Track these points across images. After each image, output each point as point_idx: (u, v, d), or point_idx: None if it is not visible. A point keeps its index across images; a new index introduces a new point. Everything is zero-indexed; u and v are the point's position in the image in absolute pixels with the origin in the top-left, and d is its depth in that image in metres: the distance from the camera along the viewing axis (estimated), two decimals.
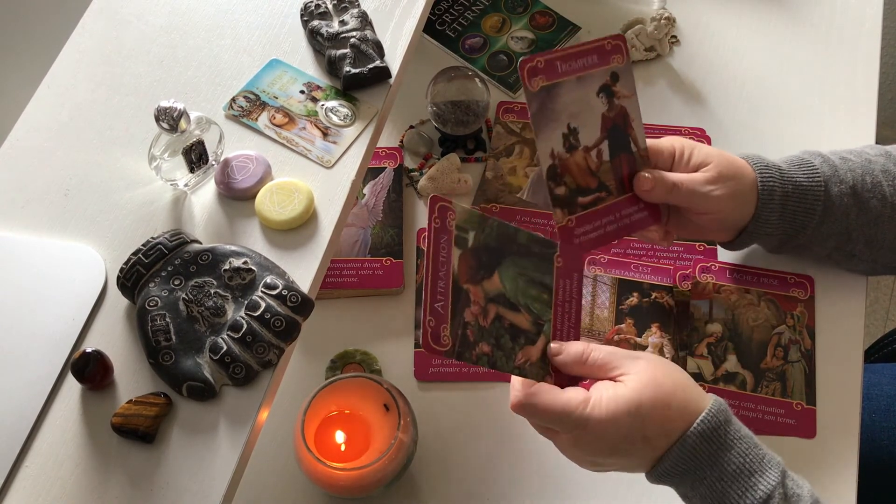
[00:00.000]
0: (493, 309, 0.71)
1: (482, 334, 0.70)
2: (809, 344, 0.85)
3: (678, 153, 0.80)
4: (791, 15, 1.10)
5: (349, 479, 0.74)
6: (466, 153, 1.00)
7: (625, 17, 1.07)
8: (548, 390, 0.68)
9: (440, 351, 0.67)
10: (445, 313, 0.68)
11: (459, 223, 0.71)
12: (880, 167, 0.82)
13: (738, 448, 0.67)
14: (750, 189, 0.80)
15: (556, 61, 0.75)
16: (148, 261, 0.68)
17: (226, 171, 0.74)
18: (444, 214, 0.71)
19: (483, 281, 0.71)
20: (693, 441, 0.66)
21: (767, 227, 0.82)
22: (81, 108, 0.79)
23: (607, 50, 0.77)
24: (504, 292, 0.72)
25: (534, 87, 0.74)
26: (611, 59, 0.77)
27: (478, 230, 0.71)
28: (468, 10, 1.11)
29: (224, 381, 0.65)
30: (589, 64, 0.77)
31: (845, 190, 0.81)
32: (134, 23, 0.84)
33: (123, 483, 0.62)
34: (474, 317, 0.69)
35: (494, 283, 0.72)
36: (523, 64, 0.73)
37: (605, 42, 0.77)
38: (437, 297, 0.68)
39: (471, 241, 0.71)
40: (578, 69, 0.76)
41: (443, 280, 0.69)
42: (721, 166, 0.79)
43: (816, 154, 0.84)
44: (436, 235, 0.69)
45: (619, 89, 0.78)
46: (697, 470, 0.67)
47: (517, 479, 0.81)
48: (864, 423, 0.84)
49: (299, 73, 0.81)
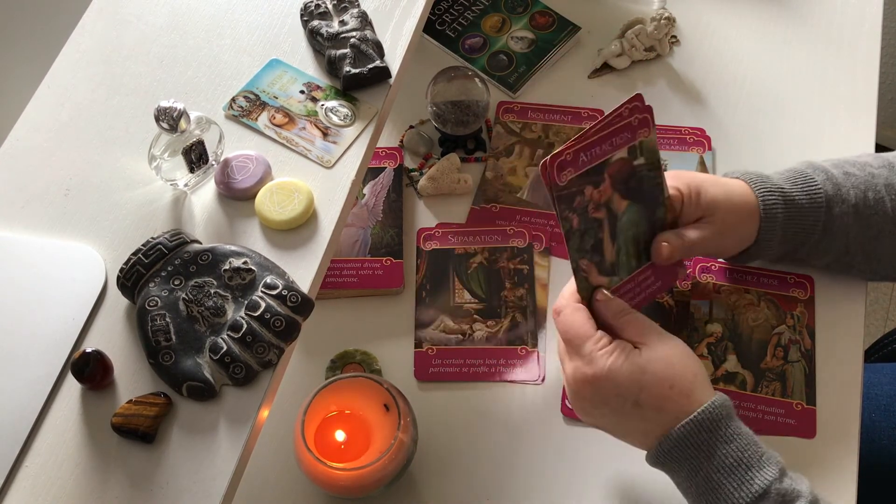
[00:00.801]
0: (602, 213, 0.73)
1: (582, 214, 0.72)
2: (809, 344, 0.85)
3: (686, 197, 0.79)
4: (791, 15, 1.10)
5: (349, 479, 0.74)
6: (466, 153, 1.00)
7: (625, 17, 1.07)
8: (583, 314, 0.72)
9: (554, 178, 0.69)
10: (581, 166, 0.70)
11: (644, 143, 0.73)
12: (883, 181, 0.82)
13: (736, 443, 0.67)
14: (753, 218, 0.80)
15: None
16: (148, 261, 0.68)
17: (226, 171, 0.74)
18: (644, 123, 0.72)
19: (616, 193, 0.73)
20: (690, 428, 0.68)
21: (769, 248, 0.83)
22: (81, 108, 0.79)
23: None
24: (618, 218, 0.74)
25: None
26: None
27: (647, 165, 0.74)
28: (468, 10, 1.11)
29: (224, 381, 0.65)
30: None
31: (847, 209, 0.81)
32: (134, 23, 0.84)
33: (123, 483, 0.62)
34: (590, 198, 0.72)
35: (619, 205, 0.74)
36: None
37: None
38: (587, 150, 0.70)
39: (636, 163, 0.73)
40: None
41: (598, 150, 0.71)
42: (727, 213, 0.79)
43: (819, 169, 0.83)
44: (622, 124, 0.71)
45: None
46: (693, 459, 0.68)
47: (517, 479, 0.81)
48: (864, 423, 0.84)
49: (299, 73, 0.81)
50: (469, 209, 0.96)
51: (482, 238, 0.94)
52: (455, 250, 0.93)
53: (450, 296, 0.90)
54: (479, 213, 0.96)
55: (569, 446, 0.82)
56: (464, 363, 0.87)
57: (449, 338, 0.88)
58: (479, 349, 0.87)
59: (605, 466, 0.81)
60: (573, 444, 0.82)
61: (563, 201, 0.70)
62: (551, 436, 0.83)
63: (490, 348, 0.87)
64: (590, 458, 0.81)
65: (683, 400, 0.69)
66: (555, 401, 0.84)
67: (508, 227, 0.94)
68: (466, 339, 0.88)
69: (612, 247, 0.74)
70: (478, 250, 0.93)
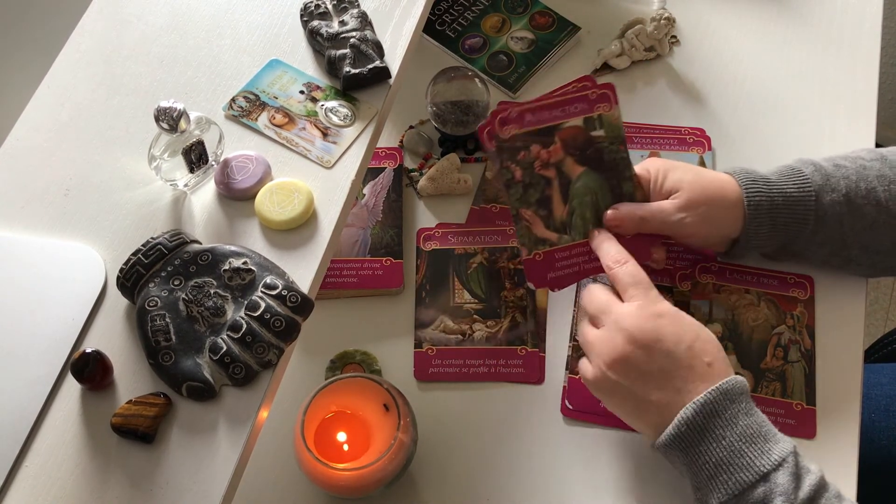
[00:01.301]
0: (552, 173, 0.78)
1: (526, 168, 0.77)
2: (809, 344, 0.85)
3: (652, 178, 0.82)
4: (791, 15, 1.10)
5: (349, 479, 0.74)
6: (466, 153, 1.00)
7: (625, 17, 1.07)
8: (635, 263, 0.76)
9: (495, 130, 0.76)
10: (526, 124, 0.76)
11: (605, 117, 0.78)
12: (875, 172, 0.82)
13: (756, 416, 0.71)
14: (730, 207, 0.81)
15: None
16: (148, 261, 0.68)
17: (226, 171, 0.74)
18: (602, 99, 0.77)
19: (568, 157, 0.78)
20: (716, 396, 0.70)
21: (758, 239, 0.83)
22: (81, 108, 0.79)
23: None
24: (571, 182, 0.79)
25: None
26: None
27: (607, 138, 0.79)
28: (468, 10, 1.11)
29: (224, 381, 0.65)
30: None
31: (838, 198, 0.81)
32: (134, 23, 0.85)
33: (123, 483, 0.62)
34: (536, 155, 0.77)
35: (573, 169, 0.78)
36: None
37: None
38: (534, 112, 0.76)
39: (594, 133, 0.78)
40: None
41: (547, 114, 0.77)
42: (692, 191, 0.80)
43: (809, 163, 0.84)
44: (578, 96, 0.76)
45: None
46: (717, 428, 0.69)
47: (517, 479, 0.81)
48: (864, 423, 0.84)
49: (299, 73, 0.81)
50: (469, 209, 0.96)
51: (482, 238, 0.94)
52: (455, 250, 0.93)
53: (450, 296, 0.90)
54: (479, 213, 0.96)
55: (569, 446, 0.82)
56: (464, 363, 0.87)
57: (449, 338, 0.88)
58: (479, 349, 0.87)
59: (605, 466, 0.81)
60: (573, 444, 0.82)
61: (504, 152, 0.77)
62: (551, 436, 0.83)
63: (490, 348, 0.87)
64: (590, 458, 0.81)
65: (724, 365, 0.72)
66: (555, 401, 0.84)
67: (508, 227, 0.94)
68: (466, 339, 0.88)
69: (562, 206, 0.79)
70: (478, 250, 0.93)
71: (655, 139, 0.99)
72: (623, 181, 0.81)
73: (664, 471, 0.78)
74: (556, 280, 0.82)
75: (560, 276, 0.82)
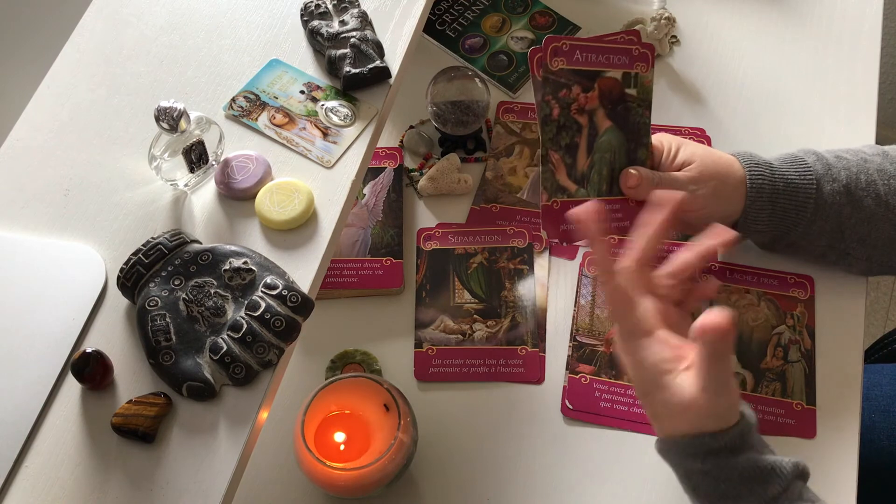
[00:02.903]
0: (585, 120, 0.78)
1: (564, 108, 0.77)
2: (809, 344, 0.85)
3: (665, 150, 0.83)
4: (791, 15, 1.10)
5: (349, 479, 0.74)
6: (466, 153, 1.00)
7: (625, 17, 1.07)
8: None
9: (546, 58, 0.76)
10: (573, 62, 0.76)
11: (640, 77, 0.79)
12: (876, 166, 0.82)
13: (761, 449, 0.66)
14: (736, 186, 0.81)
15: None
16: (148, 261, 0.68)
17: (226, 171, 0.74)
18: (642, 58, 0.78)
19: (601, 108, 0.78)
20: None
21: (757, 223, 0.82)
22: (81, 108, 0.79)
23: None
24: (598, 135, 0.79)
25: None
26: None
27: (637, 99, 0.79)
28: (468, 10, 1.11)
29: (224, 381, 0.65)
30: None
31: (838, 188, 0.81)
32: (134, 23, 0.84)
33: (123, 483, 0.62)
34: (575, 97, 0.77)
35: (602, 122, 0.79)
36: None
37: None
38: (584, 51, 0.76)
39: (628, 91, 0.78)
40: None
41: (593, 56, 0.77)
42: (704, 165, 0.81)
43: (811, 152, 0.84)
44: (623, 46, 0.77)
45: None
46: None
47: (517, 479, 0.81)
48: (864, 423, 0.84)
49: (299, 73, 0.81)
50: (469, 209, 0.96)
51: (482, 238, 0.94)
52: (455, 250, 0.93)
53: (450, 296, 0.90)
54: (479, 213, 0.96)
55: (569, 446, 0.82)
56: (464, 363, 0.87)
57: (449, 338, 0.88)
58: (479, 349, 0.87)
59: (605, 466, 0.81)
60: (573, 444, 0.82)
61: (549, 85, 0.77)
62: (551, 436, 0.83)
63: (490, 348, 0.87)
64: (590, 458, 0.81)
65: None
66: (555, 401, 0.84)
67: (508, 227, 0.94)
68: (466, 339, 0.88)
69: (586, 157, 0.79)
70: (478, 250, 0.93)
71: None
72: (640, 146, 0.81)
73: (664, 471, 0.78)
74: (566, 233, 0.81)
75: (571, 229, 0.81)
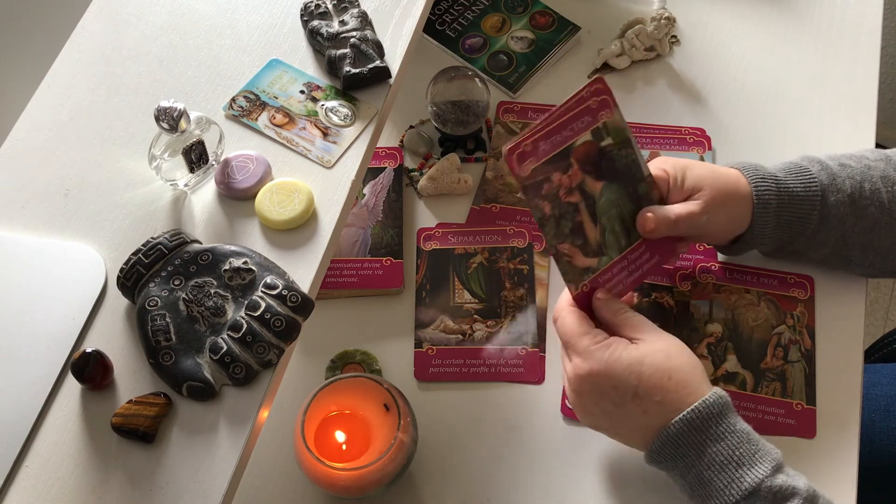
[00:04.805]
0: (577, 197, 0.74)
1: (553, 200, 0.73)
2: (809, 344, 0.85)
3: (672, 179, 0.80)
4: (791, 14, 1.10)
5: (349, 479, 0.74)
6: (466, 153, 1.00)
7: (625, 17, 1.07)
8: (578, 314, 0.75)
9: (515, 170, 0.71)
10: (542, 155, 0.72)
11: (609, 124, 0.74)
12: (879, 173, 0.82)
13: (728, 441, 0.68)
14: (744, 203, 0.81)
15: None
16: (148, 261, 0.68)
17: (226, 171, 0.74)
18: (601, 106, 0.74)
19: (588, 175, 0.74)
20: (681, 426, 0.68)
21: (763, 236, 0.83)
22: (81, 107, 0.79)
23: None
24: (595, 200, 0.75)
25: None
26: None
27: (616, 145, 0.75)
28: (468, 10, 1.11)
29: (224, 381, 0.65)
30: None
31: (842, 199, 0.81)
32: (134, 23, 0.85)
33: (123, 483, 0.62)
34: (559, 183, 0.73)
35: (594, 187, 0.75)
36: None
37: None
38: (547, 138, 0.72)
39: (603, 143, 0.75)
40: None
41: (558, 137, 0.72)
42: (714, 190, 0.79)
43: (815, 161, 0.83)
44: (581, 108, 0.72)
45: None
46: (685, 457, 0.69)
47: (517, 479, 0.81)
48: (864, 423, 0.84)
49: (299, 73, 0.81)
50: (469, 209, 0.96)
51: (482, 238, 0.94)
52: (455, 250, 0.93)
53: (450, 296, 0.90)
54: (479, 213, 0.96)
55: (569, 446, 0.82)
56: (464, 363, 0.87)
57: (449, 338, 0.88)
58: (479, 349, 0.87)
59: (605, 466, 0.81)
60: (573, 444, 0.82)
61: (530, 190, 0.73)
62: (551, 436, 0.83)
63: (490, 348, 0.87)
64: (590, 458, 0.81)
65: (682, 391, 0.70)
66: (555, 401, 0.84)
67: (508, 227, 0.94)
68: (466, 339, 0.88)
69: (594, 228, 0.76)
70: (478, 250, 0.93)
71: (656, 139, 0.99)
72: (638, 184, 0.78)
73: (664, 472, 0.78)
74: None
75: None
